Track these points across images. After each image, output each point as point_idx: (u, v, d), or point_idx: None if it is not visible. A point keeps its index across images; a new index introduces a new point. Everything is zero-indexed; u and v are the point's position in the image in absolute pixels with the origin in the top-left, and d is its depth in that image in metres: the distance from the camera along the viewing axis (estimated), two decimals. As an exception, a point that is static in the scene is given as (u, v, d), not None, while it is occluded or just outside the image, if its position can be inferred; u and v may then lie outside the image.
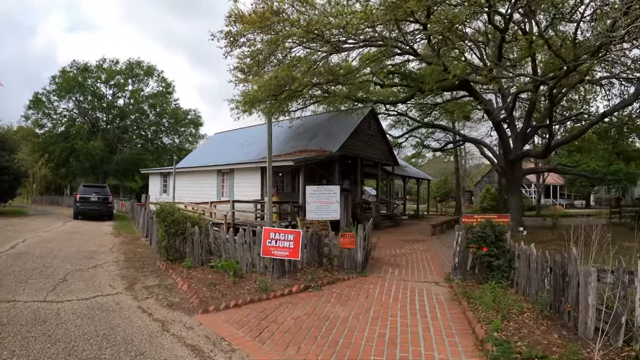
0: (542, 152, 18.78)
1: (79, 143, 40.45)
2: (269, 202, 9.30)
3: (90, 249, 12.19)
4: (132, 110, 45.92)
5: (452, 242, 16.90)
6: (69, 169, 44.39)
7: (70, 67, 43.33)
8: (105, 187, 25.27)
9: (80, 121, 44.34)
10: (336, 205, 13.00)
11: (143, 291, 7.38)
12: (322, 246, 9.26)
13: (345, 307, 6.65)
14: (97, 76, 44.16)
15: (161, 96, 47.86)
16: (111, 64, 44.89)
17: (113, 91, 45.70)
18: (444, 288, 8.25)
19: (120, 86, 45.42)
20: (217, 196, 22.15)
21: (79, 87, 42.50)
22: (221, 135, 32.82)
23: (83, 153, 40.11)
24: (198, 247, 9.17)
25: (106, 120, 46.35)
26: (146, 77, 47.08)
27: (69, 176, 46.28)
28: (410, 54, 16.04)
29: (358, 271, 9.05)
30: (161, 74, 48.19)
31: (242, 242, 8.41)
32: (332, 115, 23.54)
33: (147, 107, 47.21)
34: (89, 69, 43.84)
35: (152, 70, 46.77)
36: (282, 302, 6.70)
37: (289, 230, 7.78)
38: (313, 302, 6.82)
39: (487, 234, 7.69)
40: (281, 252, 7.64)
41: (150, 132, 48.96)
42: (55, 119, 44.01)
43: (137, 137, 48.24)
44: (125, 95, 46.46)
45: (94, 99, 44.54)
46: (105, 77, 44.27)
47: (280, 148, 22.04)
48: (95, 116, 46.01)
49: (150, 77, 47.28)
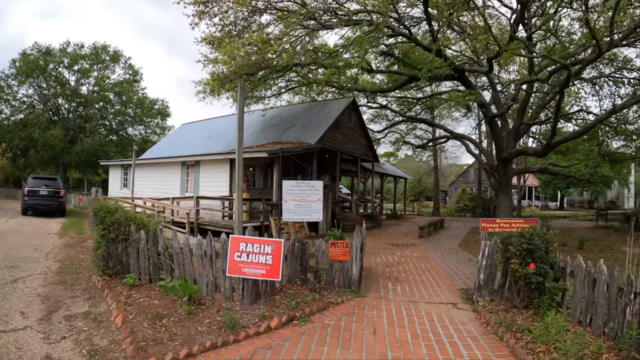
0: (541, 150, 17.26)
1: (37, 132, 37.27)
2: (239, 199, 7.07)
3: (22, 254, 9.77)
4: (96, 99, 42.65)
5: (447, 246, 15.38)
6: (27, 160, 41.30)
7: (32, 50, 39.70)
8: (56, 180, 22.49)
9: (40, 108, 40.76)
10: (319, 204, 10.88)
11: (62, 325, 5.16)
12: (306, 258, 7.17)
13: (348, 351, 4.60)
14: (60, 61, 40.71)
15: (127, 84, 44.74)
16: (76, 48, 41.54)
17: (77, 77, 42.34)
18: (468, 312, 6.37)
19: (85, 72, 42.10)
20: (181, 191, 19.76)
21: (41, 71, 39.03)
22: (189, 126, 30.25)
23: (41, 143, 37.13)
24: (145, 259, 6.95)
25: (68, 108, 42.97)
26: (112, 64, 43.88)
27: (28, 168, 42.71)
28: (405, 36, 14.18)
29: (353, 290, 7.03)
30: (128, 61, 45.09)
31: (201, 254, 6.21)
32: (310, 106, 21.51)
33: (113, 95, 44.12)
34: (51, 53, 40.24)
35: (118, 56, 43.56)
36: (258, 348, 4.54)
37: (266, 240, 5.67)
38: (302, 346, 4.70)
39: (536, 245, 5.80)
40: (255, 269, 5.52)
41: (116, 122, 45.87)
42: (14, 105, 40.46)
43: (100, 127, 44.98)
44: (90, 82, 43.30)
45: (56, 85, 41.09)
46: (69, 61, 40.84)
47: (251, 139, 19.85)
48: (56, 104, 42.58)
49: (117, 63, 44.09)
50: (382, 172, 30.62)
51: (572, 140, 20.05)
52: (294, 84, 18.89)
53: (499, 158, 18.74)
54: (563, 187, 45.75)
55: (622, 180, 43.32)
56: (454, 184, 56.27)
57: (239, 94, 6.05)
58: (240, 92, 6.03)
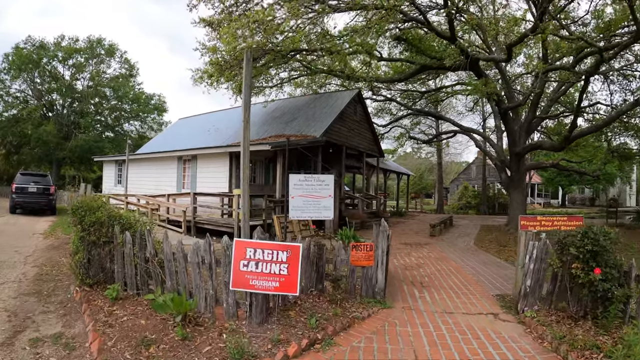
0: (559, 144, 16.25)
1: (30, 128, 36.25)
2: (245, 193, 5.98)
3: (0, 257, 8.75)
4: (91, 93, 41.43)
5: (462, 245, 14.27)
6: (21, 156, 40.18)
7: (25, 44, 38.35)
8: (46, 176, 21.48)
9: (34, 104, 39.52)
10: (329, 200, 9.86)
11: (26, 352, 4.13)
12: (323, 263, 6.13)
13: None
14: (54, 54, 39.37)
15: (123, 78, 43.56)
16: (70, 42, 40.18)
17: (71, 72, 40.98)
18: (514, 325, 5.43)
19: (80, 66, 40.77)
20: (177, 188, 18.68)
21: (34, 65, 37.75)
22: (186, 120, 29.15)
23: (34, 139, 36.07)
24: (131, 266, 5.90)
25: (62, 103, 41.81)
26: (108, 58, 42.53)
27: (22, 165, 41.50)
28: (420, 22, 13.15)
29: (378, 300, 6.01)
30: (124, 55, 43.76)
31: (197, 261, 5.16)
32: (313, 98, 20.47)
33: (109, 90, 42.91)
34: (45, 47, 38.87)
35: (113, 50, 42.18)
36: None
37: (280, 245, 4.63)
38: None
39: (603, 247, 4.82)
40: (266, 282, 4.48)
41: (111, 118, 44.76)
42: (7, 101, 39.24)
43: (96, 123, 43.84)
44: (85, 77, 42.04)
45: (51, 80, 39.85)
46: (63, 55, 39.48)
47: (251, 133, 18.71)
48: (50, 99, 41.36)
49: (112, 57, 42.69)
50: (385, 168, 29.65)
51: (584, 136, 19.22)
52: (297, 74, 17.84)
53: (511, 153, 17.79)
54: (566, 184, 44.89)
55: (625, 178, 42.57)
56: (455, 181, 55.32)
57: (246, 66, 5.03)
58: (246, 64, 5.01)
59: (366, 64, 15.71)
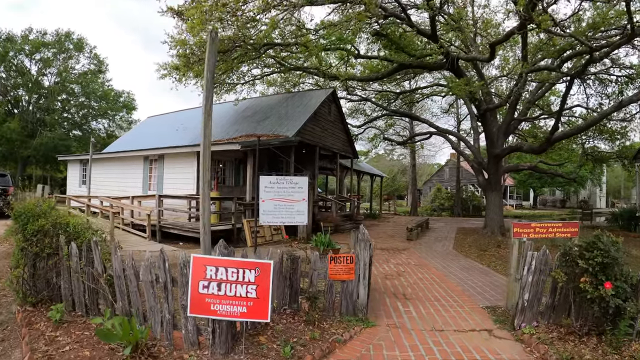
0: (539, 147, 16.04)
1: None
2: (205, 199, 5.15)
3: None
4: (58, 89, 39.58)
5: (441, 250, 13.64)
6: None
7: None
8: (5, 176, 19.92)
9: (-2, 100, 37.52)
10: (303, 204, 9.26)
11: None
12: (298, 278, 5.43)
13: None
14: (21, 48, 37.38)
15: (92, 74, 41.86)
16: (38, 35, 38.28)
17: (39, 67, 39.09)
18: (512, 343, 4.88)
19: (47, 61, 38.86)
20: (144, 189, 17.66)
21: (0, 59, 35.82)
22: (155, 119, 27.93)
23: (-4, 136, 34.21)
24: (78, 282, 5.08)
25: (28, 100, 39.76)
26: (77, 53, 40.70)
27: (-15, 164, 39.31)
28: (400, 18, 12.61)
29: (360, 318, 5.35)
30: (93, 50, 42.01)
31: (151, 280, 4.40)
32: (286, 97, 19.78)
33: (77, 86, 41.17)
34: (12, 40, 36.92)
35: (82, 44, 40.37)
36: None
37: (246, 263, 3.89)
38: None
39: (614, 259, 4.31)
40: (231, 307, 3.75)
41: (79, 116, 42.87)
42: (-28, 97, 37.17)
43: (63, 120, 41.94)
44: (52, 72, 40.13)
45: (17, 75, 37.86)
46: (30, 49, 37.54)
47: (221, 132, 17.99)
48: (16, 95, 39.34)
49: (81, 52, 40.92)
50: (359, 169, 29.22)
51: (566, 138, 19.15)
52: (270, 71, 17.11)
53: (490, 154, 17.52)
54: (538, 186, 45.59)
55: (595, 180, 43.52)
56: (428, 182, 55.51)
57: (209, 48, 4.28)
58: (210, 46, 4.26)
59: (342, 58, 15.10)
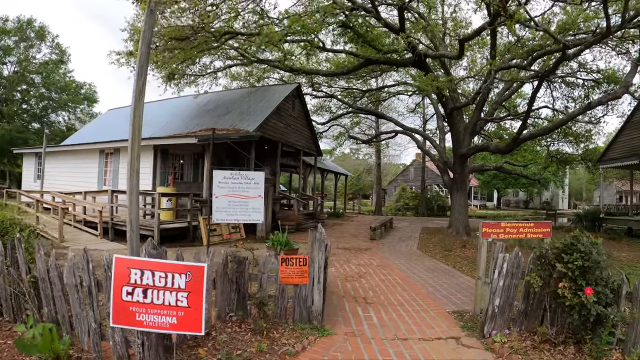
0: (505, 147, 16.08)
1: None
2: (133, 192, 4.58)
3: None
4: (17, 79, 37.39)
5: (405, 250, 13.28)
6: None
7: None
8: None
9: (-47, 90, 35.10)
10: (259, 201, 8.70)
11: None
12: (245, 281, 4.92)
13: None
14: None
15: (53, 64, 39.78)
16: None
17: (-3, 55, 36.87)
18: (482, 352, 4.53)
19: (7, 50, 36.69)
20: (99, 184, 16.69)
21: None
22: (115, 112, 26.63)
23: (-52, 129, 31.81)
24: (4, 285, 4.47)
25: (-16, 90, 37.39)
26: (38, 42, 38.60)
27: (-61, 159, 36.76)
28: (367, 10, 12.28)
29: (315, 325, 4.87)
30: (56, 39, 39.94)
31: (75, 283, 3.84)
32: (249, 91, 19.17)
33: (37, 77, 39.05)
34: None
35: (44, 32, 38.31)
36: None
37: (175, 265, 3.29)
38: None
39: (595, 262, 4.01)
40: (159, 317, 3.18)
41: (39, 107, 40.64)
42: None
43: (22, 112, 39.72)
44: (12, 62, 37.92)
45: None
46: None
47: (181, 126, 17.26)
48: (-28, 85, 36.85)
49: (43, 41, 38.84)
50: (323, 168, 28.91)
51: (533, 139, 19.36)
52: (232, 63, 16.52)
53: (456, 154, 17.46)
54: (502, 187, 46.47)
55: (558, 182, 44.71)
56: (393, 182, 55.82)
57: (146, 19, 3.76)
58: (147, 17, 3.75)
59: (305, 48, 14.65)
